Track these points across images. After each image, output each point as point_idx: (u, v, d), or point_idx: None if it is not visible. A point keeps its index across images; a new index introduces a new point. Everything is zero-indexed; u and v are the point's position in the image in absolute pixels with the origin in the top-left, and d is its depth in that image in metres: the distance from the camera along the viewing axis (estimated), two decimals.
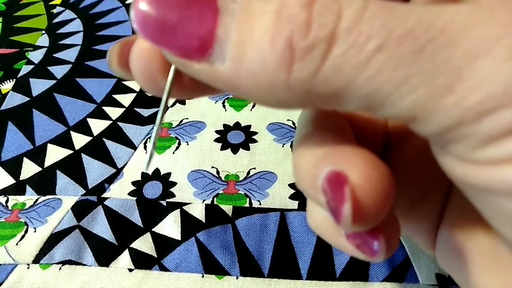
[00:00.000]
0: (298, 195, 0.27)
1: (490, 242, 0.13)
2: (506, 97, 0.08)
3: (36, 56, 0.38)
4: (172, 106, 0.33)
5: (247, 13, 0.10)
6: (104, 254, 0.25)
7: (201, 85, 0.11)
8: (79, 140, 0.31)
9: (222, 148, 0.30)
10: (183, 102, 0.33)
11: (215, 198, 0.27)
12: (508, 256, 0.12)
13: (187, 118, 0.32)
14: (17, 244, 0.25)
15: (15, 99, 0.35)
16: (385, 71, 0.09)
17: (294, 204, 0.27)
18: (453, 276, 0.15)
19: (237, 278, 0.24)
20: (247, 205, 0.27)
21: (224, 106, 0.33)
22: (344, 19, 0.09)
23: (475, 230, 0.13)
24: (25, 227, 0.26)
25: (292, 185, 0.28)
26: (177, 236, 0.25)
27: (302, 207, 0.27)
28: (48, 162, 0.30)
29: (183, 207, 0.27)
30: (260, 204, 0.27)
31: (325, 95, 0.10)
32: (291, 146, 0.30)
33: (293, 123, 0.32)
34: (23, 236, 0.26)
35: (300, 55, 0.09)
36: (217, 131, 0.31)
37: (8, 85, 0.36)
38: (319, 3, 0.09)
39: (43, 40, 0.40)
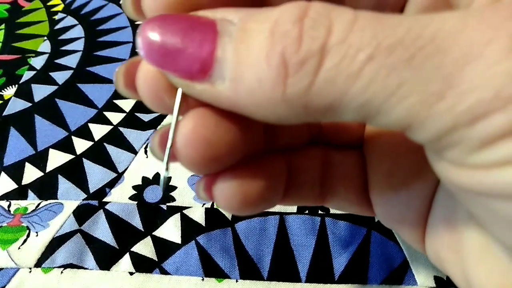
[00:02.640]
0: None
1: (483, 240, 0.13)
2: (497, 101, 0.08)
3: (38, 62, 0.39)
4: None
5: (244, 34, 0.10)
6: (105, 258, 0.25)
7: (206, 104, 0.12)
8: (81, 145, 0.31)
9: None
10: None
11: (215, 202, 0.28)
12: (501, 254, 0.12)
13: None
14: (19, 248, 0.26)
15: (17, 105, 0.35)
16: (377, 80, 0.09)
17: (293, 208, 0.27)
18: (445, 272, 0.15)
19: (236, 281, 0.24)
20: None
21: None
22: (334, 32, 0.09)
23: (466, 228, 0.13)
24: (27, 231, 0.27)
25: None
26: (178, 240, 0.26)
27: (301, 210, 0.27)
28: (50, 167, 0.30)
29: (183, 211, 0.27)
30: None
31: (321, 107, 0.10)
32: None
33: None
34: (25, 240, 0.26)
35: (294, 70, 0.09)
36: None
37: (10, 90, 0.36)
38: (310, 18, 0.09)
39: (45, 46, 0.40)
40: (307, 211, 0.27)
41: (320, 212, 0.27)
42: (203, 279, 0.24)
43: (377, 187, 0.16)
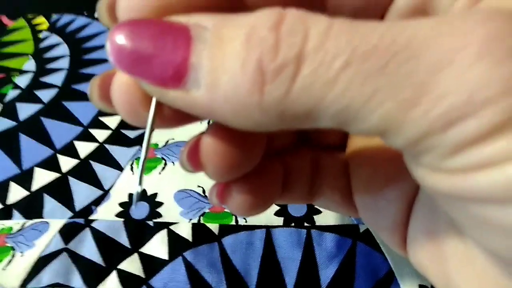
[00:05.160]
0: (283, 212, 0.28)
1: (463, 247, 0.13)
2: (469, 107, 0.08)
3: (22, 81, 0.39)
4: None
5: (219, 40, 0.10)
6: (92, 277, 0.25)
7: (181, 115, 0.12)
8: (66, 163, 0.31)
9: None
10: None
11: (201, 217, 0.28)
12: (481, 260, 0.12)
13: (173, 139, 0.33)
14: (3, 269, 0.25)
15: (2, 124, 0.35)
16: (353, 87, 0.09)
17: (280, 221, 0.27)
18: (427, 277, 0.15)
19: None
20: (233, 222, 0.27)
21: None
22: (310, 38, 0.09)
23: (446, 236, 0.13)
24: (12, 251, 0.26)
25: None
26: (165, 256, 0.26)
27: (287, 223, 0.27)
28: (36, 186, 0.30)
29: (170, 227, 0.27)
30: (246, 221, 0.27)
31: (298, 114, 0.10)
32: None
33: None
34: (10, 261, 0.26)
35: (271, 77, 0.09)
36: None
37: None
38: (287, 24, 0.09)
39: (30, 64, 0.40)
40: (293, 224, 0.27)
41: (306, 224, 0.27)
42: None
43: (358, 191, 0.17)
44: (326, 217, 0.27)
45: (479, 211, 0.10)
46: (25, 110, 0.36)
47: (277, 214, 0.28)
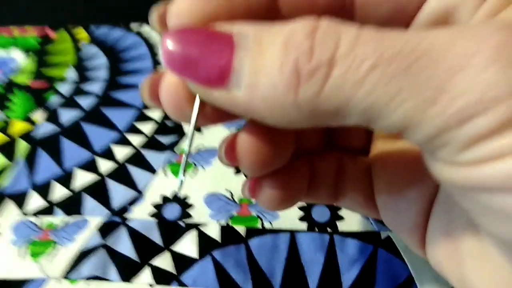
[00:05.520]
0: (307, 217, 0.29)
1: (479, 245, 0.13)
2: (480, 105, 0.09)
3: (64, 88, 0.42)
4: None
5: (259, 46, 0.11)
6: (127, 271, 0.27)
7: (221, 113, 0.13)
8: (105, 165, 0.34)
9: (236, 172, 0.32)
10: (199, 130, 0.36)
11: (229, 220, 0.29)
12: (496, 258, 0.13)
13: (203, 145, 0.34)
14: (48, 260, 0.28)
15: (45, 128, 0.38)
16: (378, 87, 0.10)
17: (303, 226, 0.29)
18: (445, 277, 0.16)
19: None
20: (259, 226, 0.29)
21: None
22: (341, 45, 0.10)
23: (463, 236, 0.14)
24: (55, 245, 0.29)
25: (301, 208, 0.30)
26: (194, 255, 0.27)
27: (311, 228, 0.29)
28: (76, 185, 0.32)
29: (200, 228, 0.29)
30: (271, 225, 0.29)
31: (329, 112, 0.11)
32: None
33: None
34: (53, 253, 0.28)
35: (305, 78, 0.10)
36: None
37: (38, 115, 0.39)
38: (320, 32, 0.11)
39: (71, 73, 0.43)
40: (316, 229, 0.28)
41: (329, 230, 0.28)
42: None
43: (380, 193, 0.18)
44: (349, 223, 0.29)
45: (486, 200, 0.11)
46: (67, 116, 0.39)
47: (301, 219, 0.29)
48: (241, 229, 0.29)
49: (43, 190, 0.32)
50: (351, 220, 0.29)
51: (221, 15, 0.12)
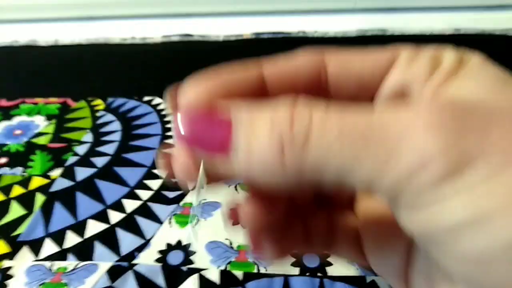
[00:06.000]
0: (298, 263, 0.32)
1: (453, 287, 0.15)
2: (420, 162, 0.12)
3: (81, 150, 0.46)
4: (192, 189, 0.39)
5: (252, 123, 0.14)
6: None
7: (222, 176, 0.16)
8: (115, 216, 0.37)
9: (234, 224, 0.35)
10: (201, 187, 0.40)
11: (228, 265, 0.32)
12: None
13: (205, 199, 0.38)
14: None
15: (62, 183, 0.41)
16: (343, 153, 0.13)
17: (296, 270, 0.31)
18: None
19: None
20: (255, 271, 0.31)
21: (236, 189, 0.39)
22: (314, 119, 0.13)
23: (439, 277, 0.15)
24: (66, 287, 0.31)
25: (293, 255, 0.33)
26: None
27: (303, 272, 0.31)
28: (88, 234, 0.35)
29: (201, 272, 0.31)
30: (266, 270, 0.32)
31: (310, 170, 0.13)
32: None
33: None
34: None
35: (288, 143, 0.13)
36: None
37: (57, 172, 0.43)
38: (298, 110, 0.13)
39: (88, 137, 0.48)
40: (308, 274, 0.31)
41: (319, 274, 0.31)
42: None
43: (367, 244, 0.21)
44: (337, 268, 0.31)
45: (440, 243, 0.13)
46: (82, 173, 0.43)
47: (293, 264, 0.32)
48: (239, 273, 0.31)
49: (57, 237, 0.35)
50: (339, 266, 0.31)
51: (222, 96, 0.15)
